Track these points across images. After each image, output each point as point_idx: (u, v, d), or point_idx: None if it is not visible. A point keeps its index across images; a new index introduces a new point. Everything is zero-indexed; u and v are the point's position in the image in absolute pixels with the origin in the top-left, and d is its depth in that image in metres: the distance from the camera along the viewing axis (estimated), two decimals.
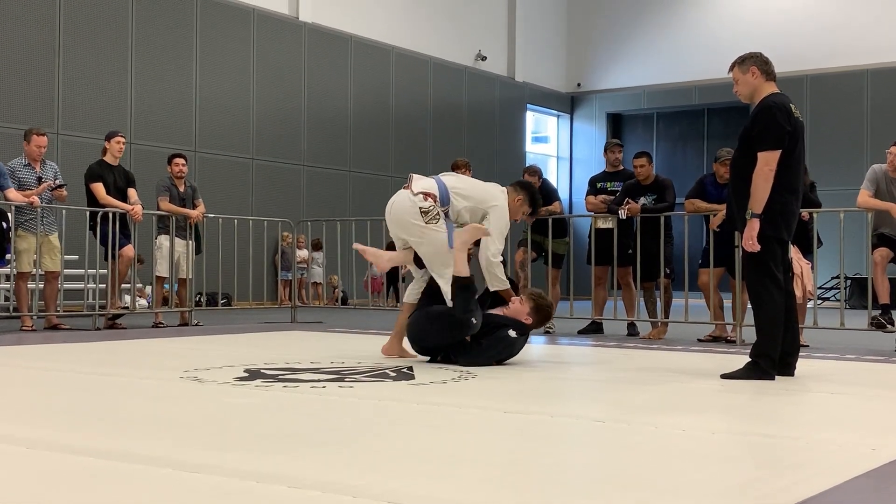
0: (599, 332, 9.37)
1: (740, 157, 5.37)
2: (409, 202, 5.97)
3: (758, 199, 5.18)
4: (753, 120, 5.29)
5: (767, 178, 5.16)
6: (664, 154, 22.96)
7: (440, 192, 6.02)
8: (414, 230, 5.95)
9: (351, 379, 5.12)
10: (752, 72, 5.39)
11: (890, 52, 19.87)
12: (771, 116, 5.21)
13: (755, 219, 5.18)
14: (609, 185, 9.61)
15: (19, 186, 9.09)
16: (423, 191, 5.99)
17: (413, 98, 19.53)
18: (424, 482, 2.67)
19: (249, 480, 2.65)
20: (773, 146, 5.17)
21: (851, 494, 2.66)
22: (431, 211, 5.89)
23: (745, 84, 5.41)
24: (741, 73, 5.43)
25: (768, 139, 5.18)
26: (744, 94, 5.44)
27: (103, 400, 4.46)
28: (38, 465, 2.93)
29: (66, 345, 7.58)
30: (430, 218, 5.87)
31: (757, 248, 5.21)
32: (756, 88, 5.39)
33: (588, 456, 3.20)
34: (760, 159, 5.18)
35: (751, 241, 5.20)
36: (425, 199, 5.93)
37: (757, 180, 5.18)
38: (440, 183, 6.10)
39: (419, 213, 5.90)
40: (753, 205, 5.19)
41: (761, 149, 5.18)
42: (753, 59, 5.44)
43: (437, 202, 5.96)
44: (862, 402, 4.71)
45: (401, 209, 6.02)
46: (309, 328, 9.72)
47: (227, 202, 14.57)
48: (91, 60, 13.94)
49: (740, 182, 5.33)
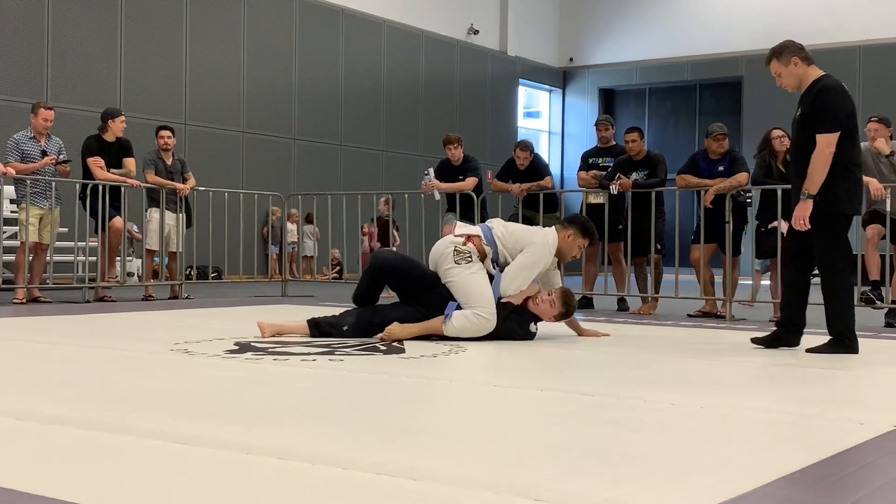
0: (590, 308, 9.39)
1: (801, 143, 5.45)
2: (446, 243, 5.93)
3: (815, 180, 5.30)
4: (812, 103, 5.36)
5: (826, 161, 5.28)
6: (656, 129, 22.93)
7: (484, 235, 5.97)
8: (444, 270, 5.86)
9: (341, 352, 5.12)
10: (794, 62, 5.47)
11: (882, 29, 19.84)
12: (829, 99, 5.33)
13: (809, 199, 5.31)
14: (601, 161, 9.60)
15: (22, 159, 9.09)
16: (465, 233, 5.96)
17: (404, 72, 19.43)
18: (413, 455, 2.68)
19: (239, 452, 2.66)
20: (832, 128, 5.28)
21: (842, 467, 2.67)
22: (464, 252, 5.82)
23: (790, 75, 5.48)
24: (783, 66, 5.51)
25: (827, 121, 5.29)
26: (790, 84, 5.53)
27: (92, 372, 4.46)
28: (27, 436, 2.93)
29: (56, 317, 7.56)
30: (460, 258, 5.80)
31: (807, 228, 5.35)
32: (802, 76, 5.48)
33: (576, 430, 3.20)
34: (820, 141, 5.28)
35: (802, 221, 5.34)
36: (465, 243, 5.87)
37: (815, 162, 5.30)
38: (485, 228, 6.07)
39: (451, 253, 5.83)
40: (809, 185, 5.31)
41: (821, 131, 5.29)
42: (791, 50, 5.50)
43: (481, 244, 5.88)
44: (851, 377, 4.73)
45: (436, 251, 5.98)
46: (300, 302, 9.71)
47: (218, 176, 14.50)
48: (80, 33, 13.82)
49: (803, 167, 5.43)
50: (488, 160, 16.41)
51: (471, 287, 5.75)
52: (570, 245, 6.15)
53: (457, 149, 10.07)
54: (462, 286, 5.77)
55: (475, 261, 5.83)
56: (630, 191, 8.94)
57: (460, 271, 5.78)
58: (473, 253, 5.85)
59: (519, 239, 6.03)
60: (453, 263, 5.80)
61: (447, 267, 5.83)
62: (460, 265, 5.79)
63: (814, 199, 5.32)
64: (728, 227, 8.33)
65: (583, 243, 6.23)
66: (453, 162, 10.14)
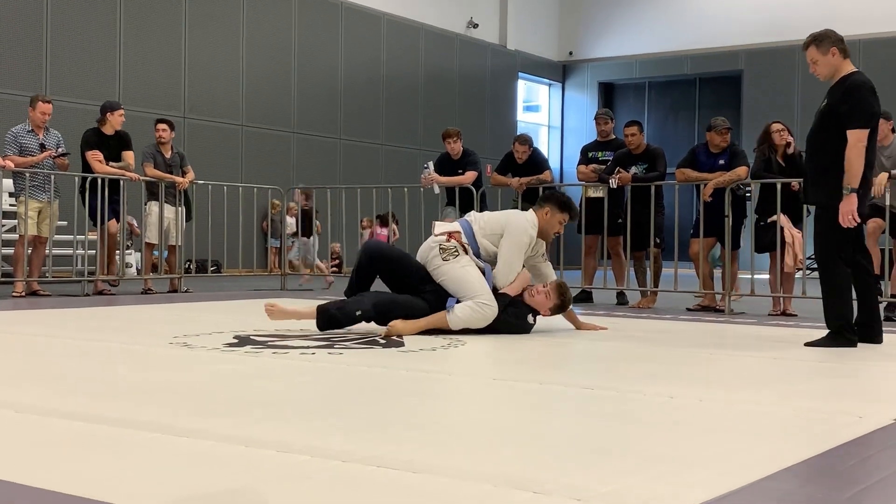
0: (589, 302, 9.40)
1: (820, 134, 5.48)
2: (430, 244, 5.94)
3: (854, 174, 5.33)
4: (843, 98, 5.39)
5: (861, 154, 5.33)
6: (655, 123, 22.91)
7: (464, 230, 5.98)
8: (434, 270, 5.85)
9: (340, 346, 5.12)
10: (833, 52, 5.49)
11: (882, 23, 19.82)
12: (862, 95, 5.37)
13: (853, 194, 5.32)
14: (601, 155, 9.60)
15: (21, 152, 9.09)
16: (445, 231, 5.96)
17: (404, 65, 19.41)
18: (411, 448, 2.68)
19: (238, 445, 2.66)
20: (864, 124, 5.33)
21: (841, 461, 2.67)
22: (449, 248, 5.82)
23: (826, 64, 5.50)
24: (820, 54, 5.52)
25: (860, 117, 5.33)
26: (824, 74, 5.55)
27: (92, 365, 4.45)
28: (27, 428, 2.92)
29: (55, 311, 7.56)
30: (447, 255, 5.80)
31: (856, 223, 5.37)
32: (837, 68, 5.50)
33: (576, 424, 3.21)
34: (852, 136, 5.31)
35: (850, 216, 5.34)
36: (448, 240, 5.87)
37: (851, 157, 5.32)
38: (464, 223, 6.08)
39: (437, 251, 5.83)
40: (850, 180, 5.33)
41: (852, 126, 5.32)
42: (832, 40, 5.51)
43: (461, 239, 5.89)
44: (850, 371, 4.73)
45: (421, 253, 5.99)
46: (299, 295, 9.71)
47: (217, 169, 14.50)
48: (79, 25, 13.81)
49: (818, 157, 5.46)
50: (487, 154, 16.37)
51: (465, 279, 5.75)
52: (550, 222, 6.11)
53: (456, 142, 10.06)
54: (456, 280, 5.76)
55: (462, 254, 5.83)
56: (629, 185, 8.94)
57: (450, 267, 5.78)
58: (459, 247, 5.86)
59: (497, 224, 6.02)
60: (441, 261, 5.79)
61: (436, 266, 5.82)
62: (449, 261, 5.78)
63: (857, 192, 5.34)
64: (727, 221, 8.33)
65: (563, 218, 6.16)
66: (452, 156, 10.13)
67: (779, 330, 6.82)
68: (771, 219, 8.13)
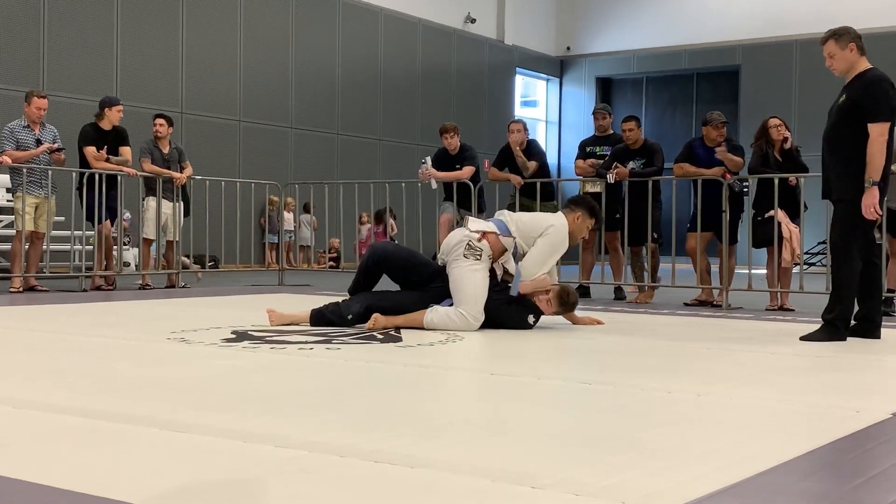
0: (586, 297, 9.40)
1: (840, 129, 5.50)
2: (460, 237, 5.92)
3: (876, 167, 5.38)
4: (864, 92, 5.44)
5: (883, 148, 5.39)
6: (653, 118, 22.91)
7: (500, 229, 5.97)
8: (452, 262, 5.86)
9: (338, 341, 5.12)
10: (851, 48, 5.56)
11: (878, 18, 19.80)
12: (883, 90, 5.44)
13: (875, 186, 5.37)
14: (598, 150, 9.60)
15: (17, 148, 9.09)
16: (481, 229, 5.95)
17: (401, 60, 19.39)
18: (409, 443, 2.68)
19: (236, 440, 2.66)
20: (886, 118, 5.40)
21: (839, 455, 2.68)
22: (475, 248, 5.83)
23: (844, 59, 5.56)
24: (839, 49, 5.58)
25: (882, 111, 5.40)
26: (840, 69, 5.60)
27: (90, 361, 4.45)
28: (25, 424, 2.93)
29: (53, 306, 7.56)
30: (470, 253, 5.81)
31: (878, 216, 5.40)
32: (853, 64, 5.56)
33: (573, 418, 3.21)
34: (874, 130, 5.37)
35: (872, 209, 5.38)
36: (480, 239, 5.87)
37: (873, 150, 5.37)
38: (499, 222, 6.06)
39: (464, 246, 5.83)
40: (873, 173, 5.38)
41: (874, 120, 5.38)
42: (850, 36, 5.58)
43: (497, 239, 5.89)
44: (848, 365, 4.74)
45: (450, 240, 6.00)
46: (296, 290, 9.71)
47: (215, 164, 14.49)
48: (77, 21, 13.77)
49: (839, 152, 5.48)
50: (485, 149, 16.38)
51: (466, 285, 5.78)
52: (580, 227, 6.21)
53: (453, 138, 10.05)
54: (459, 281, 5.80)
55: (483, 260, 5.85)
56: (627, 180, 8.94)
57: (463, 265, 5.80)
58: (485, 251, 5.86)
59: (532, 227, 6.05)
60: (462, 256, 5.82)
61: (454, 258, 5.85)
62: (468, 259, 5.81)
63: (879, 185, 5.38)
64: (724, 215, 8.33)
65: (590, 223, 6.29)
66: (450, 151, 10.12)
67: (776, 324, 6.83)
68: (768, 214, 8.14)
